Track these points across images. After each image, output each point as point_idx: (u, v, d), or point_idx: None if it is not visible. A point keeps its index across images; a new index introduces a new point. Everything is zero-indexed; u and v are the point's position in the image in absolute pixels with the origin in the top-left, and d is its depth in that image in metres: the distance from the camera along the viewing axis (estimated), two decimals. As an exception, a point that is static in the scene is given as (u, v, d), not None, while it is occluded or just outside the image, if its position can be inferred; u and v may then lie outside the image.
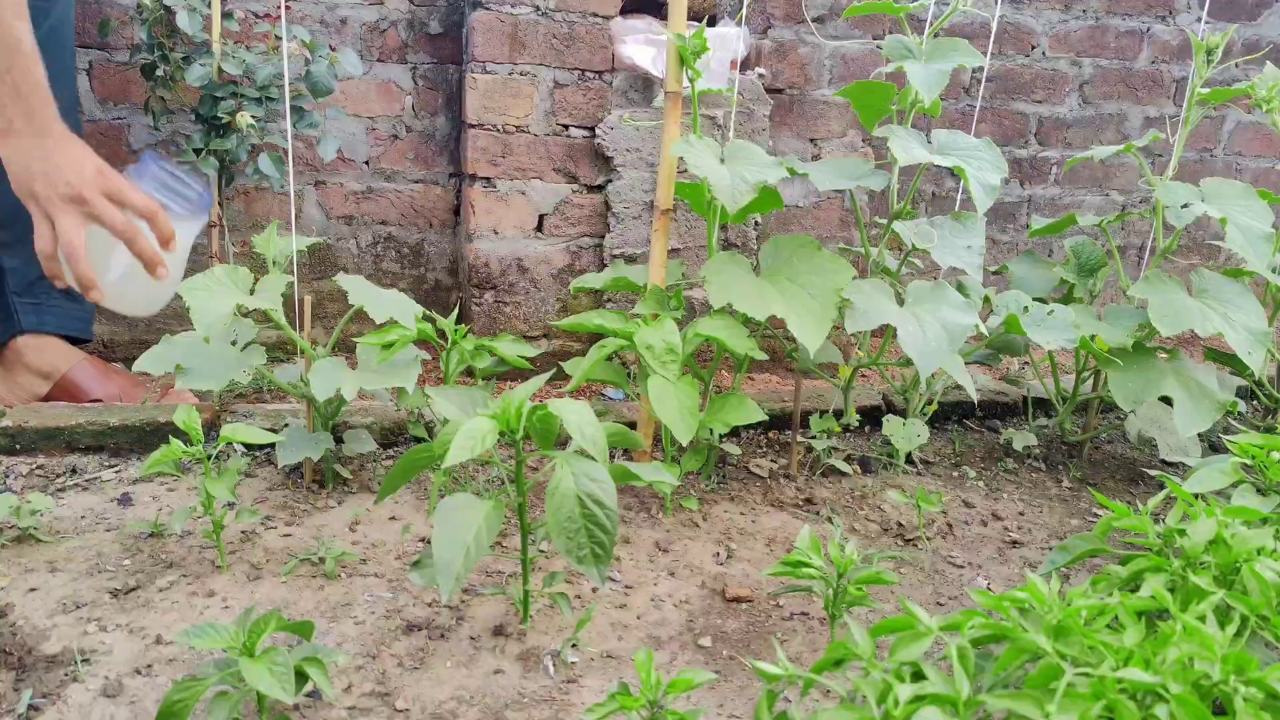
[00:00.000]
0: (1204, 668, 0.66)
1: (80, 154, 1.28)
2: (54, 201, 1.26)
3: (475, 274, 1.96)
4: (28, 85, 1.26)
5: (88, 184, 1.26)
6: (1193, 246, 2.58)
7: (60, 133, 1.29)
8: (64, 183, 1.25)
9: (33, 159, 1.26)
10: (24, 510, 1.26)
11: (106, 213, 1.27)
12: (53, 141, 1.28)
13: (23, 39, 1.26)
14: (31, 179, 1.26)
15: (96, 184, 1.27)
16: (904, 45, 1.48)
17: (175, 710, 0.87)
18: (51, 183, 1.26)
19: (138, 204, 1.29)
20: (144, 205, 1.29)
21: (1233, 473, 1.18)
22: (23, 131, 1.27)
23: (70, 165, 1.26)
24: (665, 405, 1.32)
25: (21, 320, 1.60)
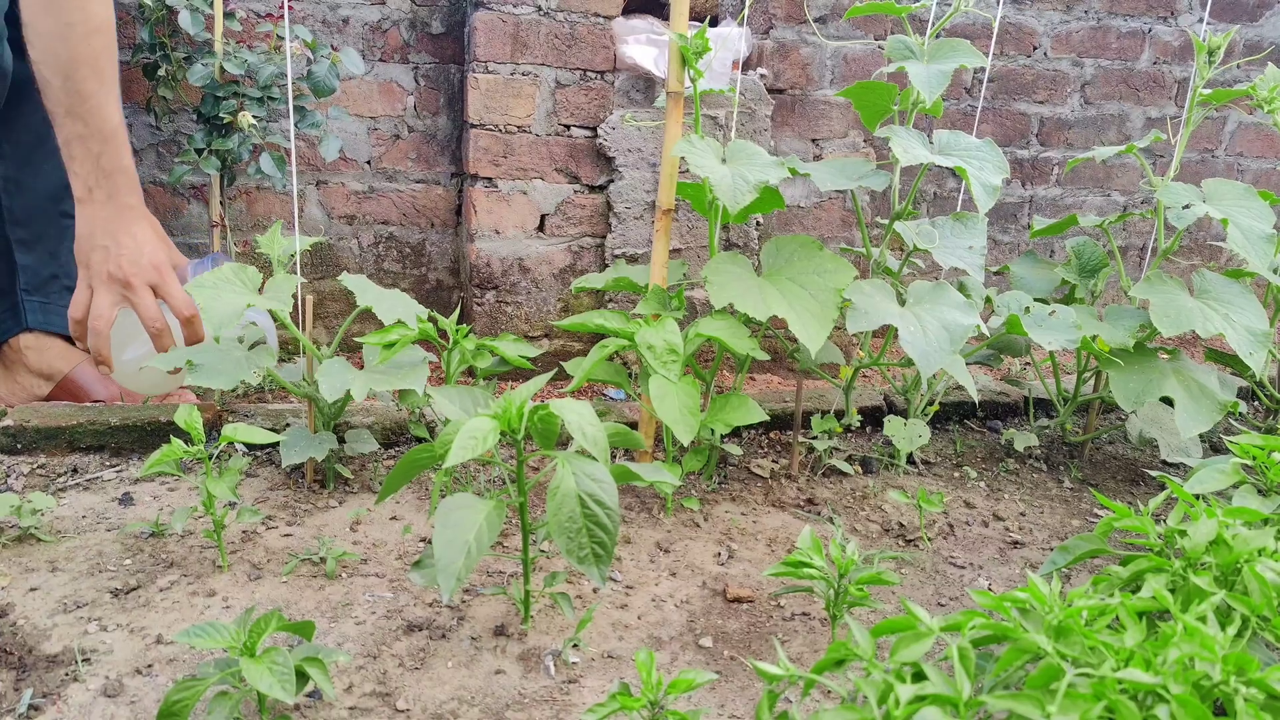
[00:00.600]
0: (1205, 668, 0.66)
1: (146, 239, 1.34)
2: (101, 277, 1.32)
3: (477, 274, 1.96)
4: (113, 167, 1.33)
5: (138, 272, 1.32)
6: (1194, 247, 2.58)
7: (135, 215, 1.35)
8: (116, 264, 1.31)
9: (98, 232, 1.32)
10: (25, 509, 1.26)
11: (144, 304, 1.33)
12: (124, 222, 1.34)
13: (111, 121, 1.33)
14: (91, 249, 1.32)
15: (146, 275, 1.32)
16: (906, 45, 1.48)
17: (176, 710, 0.87)
18: (106, 259, 1.32)
19: (178, 305, 1.34)
20: (183, 306, 1.34)
21: (1234, 473, 1.18)
22: (100, 204, 1.33)
23: (131, 248, 1.32)
24: (666, 405, 1.32)
25: (28, 318, 1.61)
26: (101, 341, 1.34)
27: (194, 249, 1.86)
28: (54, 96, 1.31)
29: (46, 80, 1.31)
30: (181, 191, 1.84)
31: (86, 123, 1.32)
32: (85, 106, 1.31)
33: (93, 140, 1.32)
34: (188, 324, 1.36)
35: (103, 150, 1.33)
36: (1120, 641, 0.69)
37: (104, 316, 1.33)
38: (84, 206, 1.35)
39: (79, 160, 1.33)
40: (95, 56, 1.31)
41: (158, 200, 1.83)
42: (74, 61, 1.30)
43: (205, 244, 1.85)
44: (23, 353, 1.61)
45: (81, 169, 1.33)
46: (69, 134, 1.33)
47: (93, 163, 1.33)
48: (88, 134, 1.32)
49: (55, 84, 1.30)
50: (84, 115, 1.31)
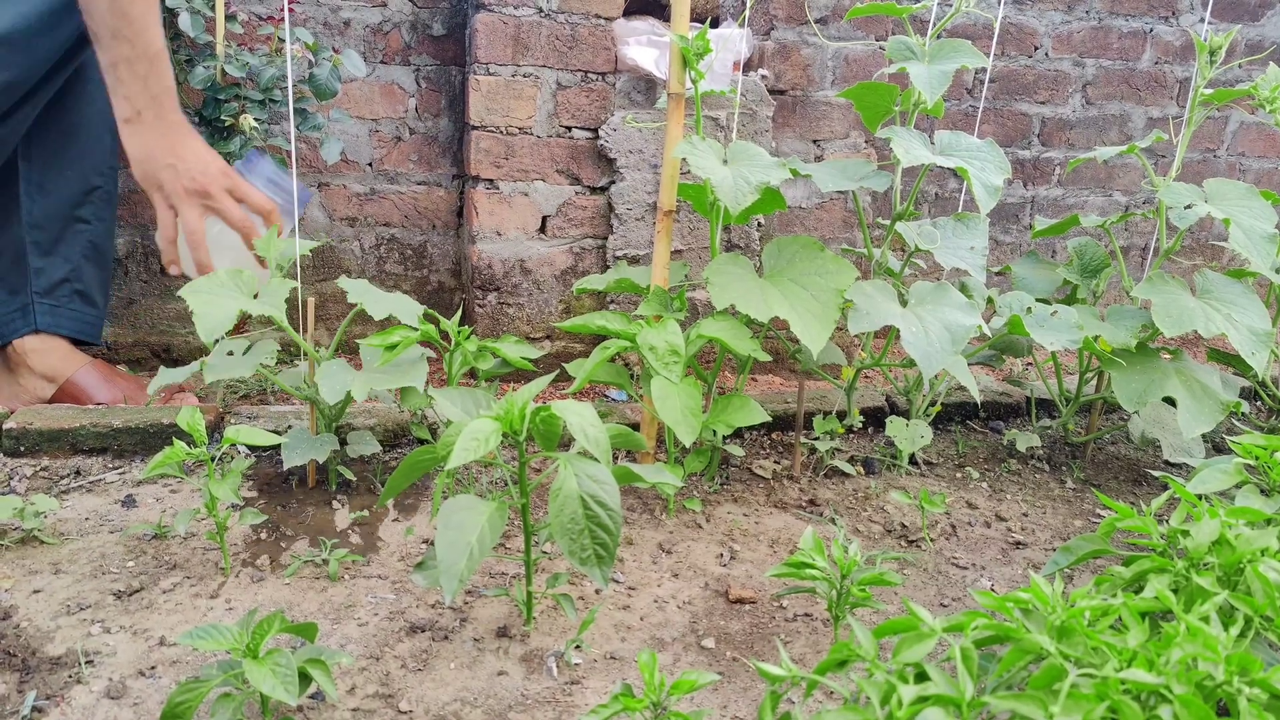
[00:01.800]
0: (1207, 668, 0.66)
1: (205, 152, 1.38)
2: (179, 194, 1.36)
3: (478, 275, 1.96)
4: (159, 86, 1.35)
5: (213, 180, 1.36)
6: (1196, 247, 2.58)
7: (184, 130, 1.38)
8: (190, 177, 1.35)
9: (158, 152, 1.35)
10: (28, 512, 1.26)
11: (228, 209, 1.37)
12: (178, 137, 1.37)
13: (156, 43, 1.35)
14: (158, 170, 1.36)
15: (219, 181, 1.36)
16: (907, 46, 1.48)
17: (179, 712, 0.87)
18: (178, 176, 1.35)
19: (256, 201, 1.39)
20: (261, 203, 1.39)
21: (1236, 473, 1.18)
22: (151, 123, 1.35)
23: (196, 161, 1.36)
24: (668, 406, 1.32)
25: (38, 320, 1.62)
26: (203, 253, 1.38)
27: (196, 251, 1.87)
28: (99, 19, 1.32)
29: (93, 2, 1.32)
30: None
31: (133, 44, 1.33)
32: (131, 28, 1.32)
33: (139, 62, 1.34)
34: (268, 218, 1.40)
35: (149, 71, 1.35)
36: (1123, 642, 0.69)
37: (197, 230, 1.37)
38: (133, 127, 1.36)
39: (126, 83, 1.35)
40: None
41: (160, 203, 1.83)
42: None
43: (207, 246, 1.86)
44: (27, 355, 1.62)
45: (130, 91, 1.35)
46: (115, 57, 1.34)
47: (140, 84, 1.34)
48: (134, 56, 1.33)
49: (101, 6, 1.31)
50: (130, 37, 1.33)
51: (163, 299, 1.92)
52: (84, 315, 1.68)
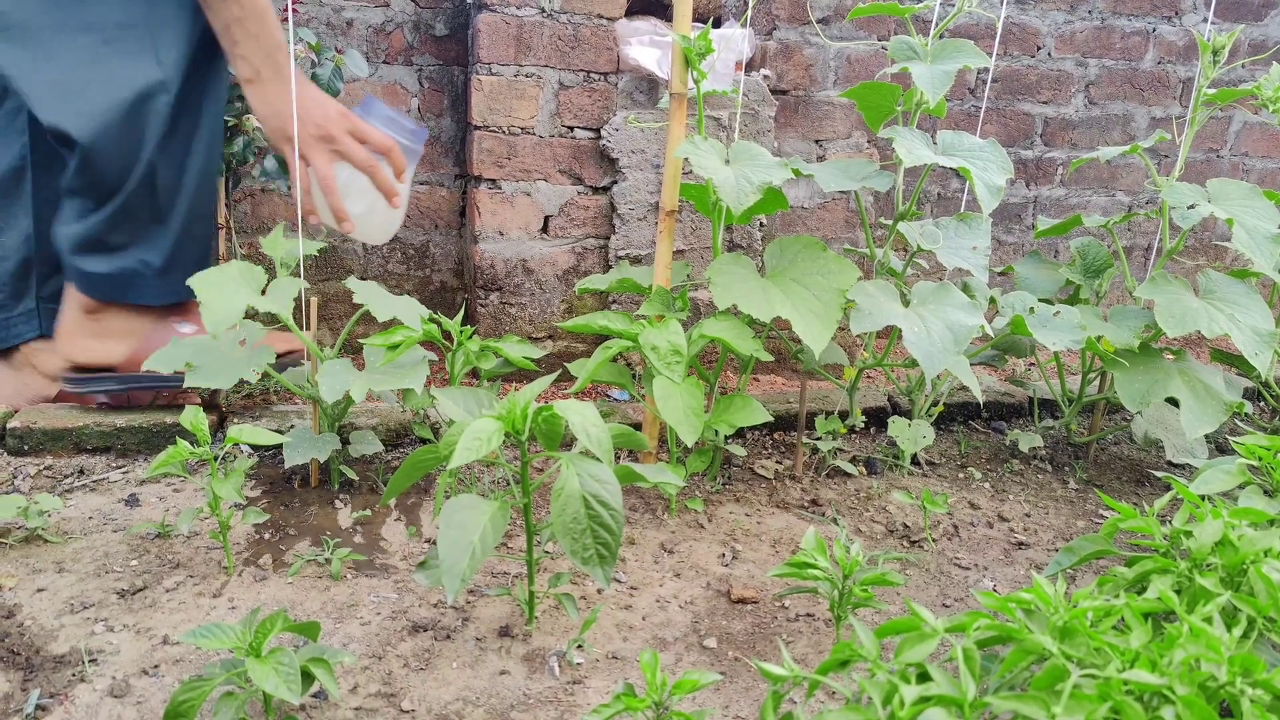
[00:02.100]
0: (1210, 669, 0.66)
1: (321, 97, 1.42)
2: (307, 142, 1.39)
3: (480, 275, 1.96)
4: (271, 42, 1.38)
5: (335, 124, 1.40)
6: (1199, 247, 2.58)
7: (302, 80, 1.41)
8: (314, 124, 1.39)
9: (282, 104, 1.39)
10: (32, 511, 1.27)
11: (353, 150, 1.40)
12: (298, 89, 1.40)
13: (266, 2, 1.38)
14: (284, 122, 1.39)
15: (342, 124, 1.40)
16: (909, 46, 1.48)
17: (182, 710, 0.87)
18: (304, 125, 1.39)
19: (377, 141, 1.42)
20: (382, 141, 1.42)
21: (1239, 474, 1.17)
22: (270, 80, 1.39)
23: (317, 109, 1.40)
24: (670, 406, 1.32)
25: (43, 324, 1.63)
26: (336, 199, 1.41)
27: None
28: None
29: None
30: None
31: (241, 4, 1.36)
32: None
33: (250, 20, 1.37)
34: (390, 155, 1.44)
35: (260, 28, 1.38)
36: (1126, 642, 0.69)
37: (327, 174, 1.41)
38: (255, 87, 1.39)
39: (242, 43, 1.37)
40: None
41: (163, 202, 1.83)
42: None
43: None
44: (32, 355, 1.62)
45: (246, 51, 1.37)
46: (227, 18, 1.36)
47: (254, 43, 1.37)
48: (244, 15, 1.36)
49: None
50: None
51: (166, 298, 1.92)
52: None
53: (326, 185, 1.41)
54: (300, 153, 1.41)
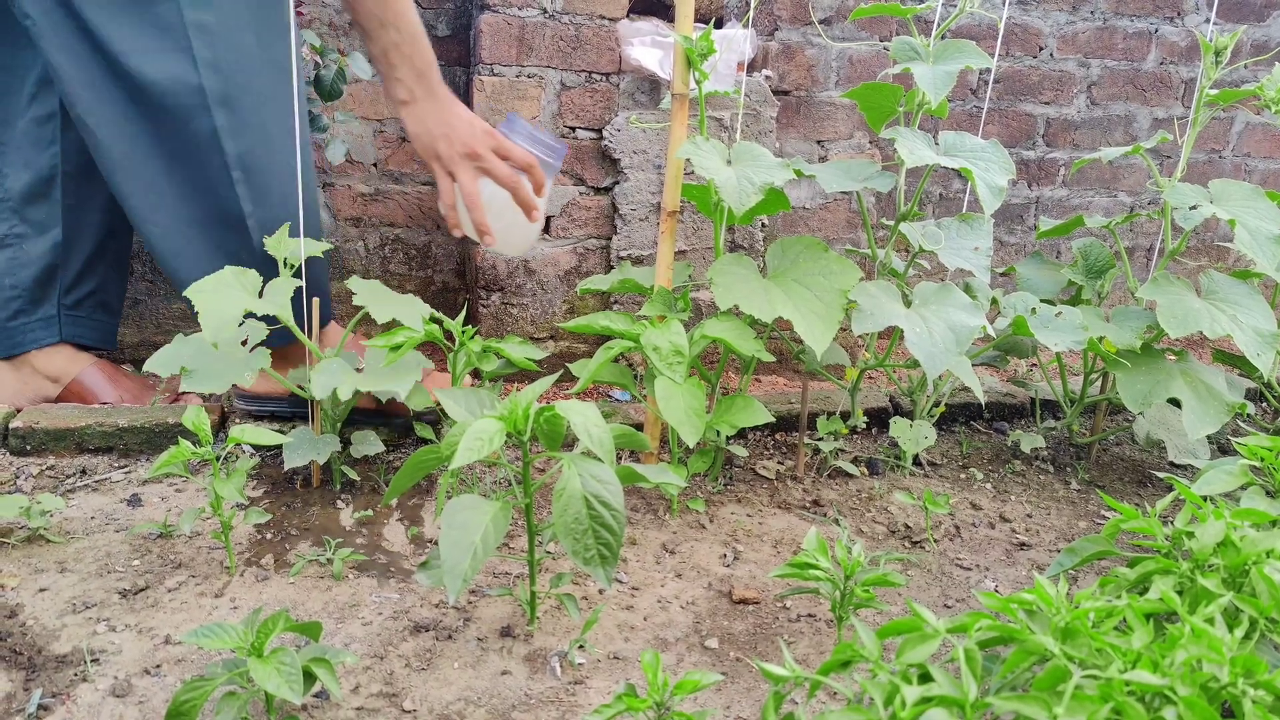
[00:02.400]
0: (1212, 670, 0.66)
1: (469, 116, 1.47)
2: (454, 159, 1.45)
3: (482, 276, 1.96)
4: (424, 62, 1.45)
5: (480, 142, 1.45)
6: (1201, 248, 2.57)
7: (450, 98, 1.47)
8: (461, 142, 1.44)
9: (434, 123, 1.45)
10: (34, 510, 1.27)
11: (496, 166, 1.45)
12: (447, 108, 1.46)
13: (415, 24, 1.44)
14: (434, 141, 1.45)
15: (486, 142, 1.45)
16: (911, 47, 1.48)
17: (184, 710, 0.88)
18: (451, 143, 1.44)
19: (519, 157, 1.47)
20: (523, 158, 1.47)
21: (1241, 475, 1.17)
22: (423, 100, 1.45)
23: (464, 126, 1.45)
24: (672, 407, 1.32)
25: (63, 331, 1.65)
26: (480, 214, 1.46)
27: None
28: (368, 10, 1.41)
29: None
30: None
31: (399, 29, 1.41)
32: (394, 13, 1.41)
33: (405, 44, 1.42)
34: (531, 171, 1.48)
35: (414, 51, 1.43)
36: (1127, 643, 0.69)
37: (472, 191, 1.46)
38: (410, 108, 1.46)
39: (399, 67, 1.43)
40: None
41: (165, 203, 1.83)
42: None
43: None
44: (33, 356, 1.63)
45: (403, 74, 1.43)
46: (385, 44, 1.42)
47: (409, 66, 1.43)
48: (401, 40, 1.42)
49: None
50: (395, 23, 1.41)
51: (167, 299, 1.93)
52: (106, 325, 1.71)
53: (471, 201, 1.46)
54: (447, 169, 1.46)
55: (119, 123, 1.40)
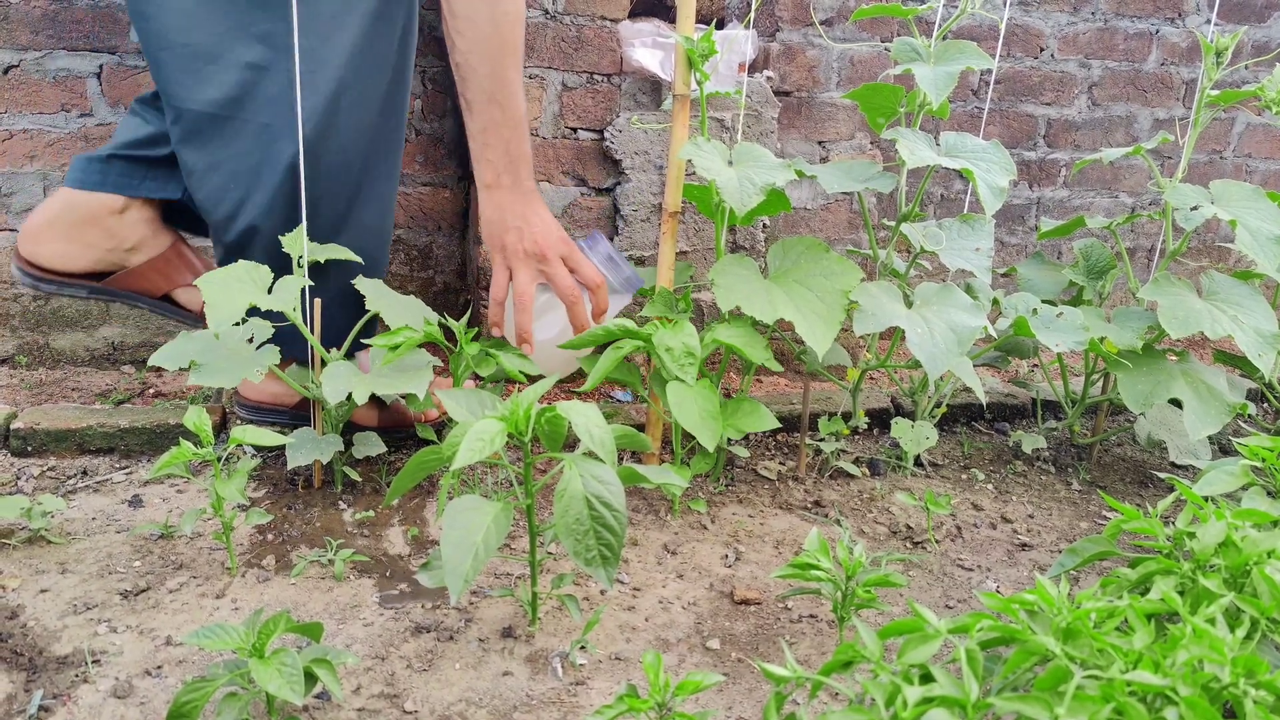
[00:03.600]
0: (1214, 670, 0.66)
1: (550, 218, 1.43)
2: (519, 255, 1.40)
3: (484, 277, 1.96)
4: (519, 152, 1.41)
5: (551, 246, 1.40)
6: (1202, 249, 2.57)
7: (535, 197, 1.43)
8: (531, 240, 1.39)
9: (510, 214, 1.40)
10: (35, 511, 1.27)
11: (560, 275, 1.40)
12: (528, 202, 1.42)
13: (521, 109, 1.40)
14: (505, 231, 1.40)
15: (558, 248, 1.40)
16: (912, 48, 1.48)
17: (185, 711, 0.88)
18: (521, 238, 1.39)
19: (588, 274, 1.42)
20: (593, 277, 1.42)
21: (1243, 475, 1.17)
22: (509, 189, 1.40)
23: (540, 226, 1.40)
24: (686, 410, 1.32)
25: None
26: (526, 317, 1.41)
27: (201, 250, 1.87)
28: (478, 84, 1.37)
29: (473, 68, 1.36)
30: (190, 195, 1.85)
31: (504, 109, 1.38)
32: (505, 92, 1.37)
33: (505, 127, 1.38)
34: (595, 292, 1.43)
35: (512, 136, 1.39)
36: (1129, 644, 0.69)
37: (527, 292, 1.40)
38: (492, 192, 1.41)
39: (492, 148, 1.39)
40: (518, 44, 1.39)
41: (166, 204, 1.84)
42: (503, 48, 1.36)
43: (214, 247, 1.87)
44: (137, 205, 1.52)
45: (494, 156, 1.39)
46: (486, 121, 1.38)
47: (503, 149, 1.39)
48: (502, 120, 1.38)
49: (482, 71, 1.36)
50: (503, 102, 1.38)
51: (169, 300, 1.93)
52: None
53: (522, 301, 1.40)
54: (508, 263, 1.41)
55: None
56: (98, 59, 1.75)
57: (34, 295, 1.82)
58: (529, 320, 1.41)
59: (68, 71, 1.74)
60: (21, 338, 1.84)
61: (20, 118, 1.74)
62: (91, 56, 1.74)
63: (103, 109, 1.77)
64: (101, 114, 1.77)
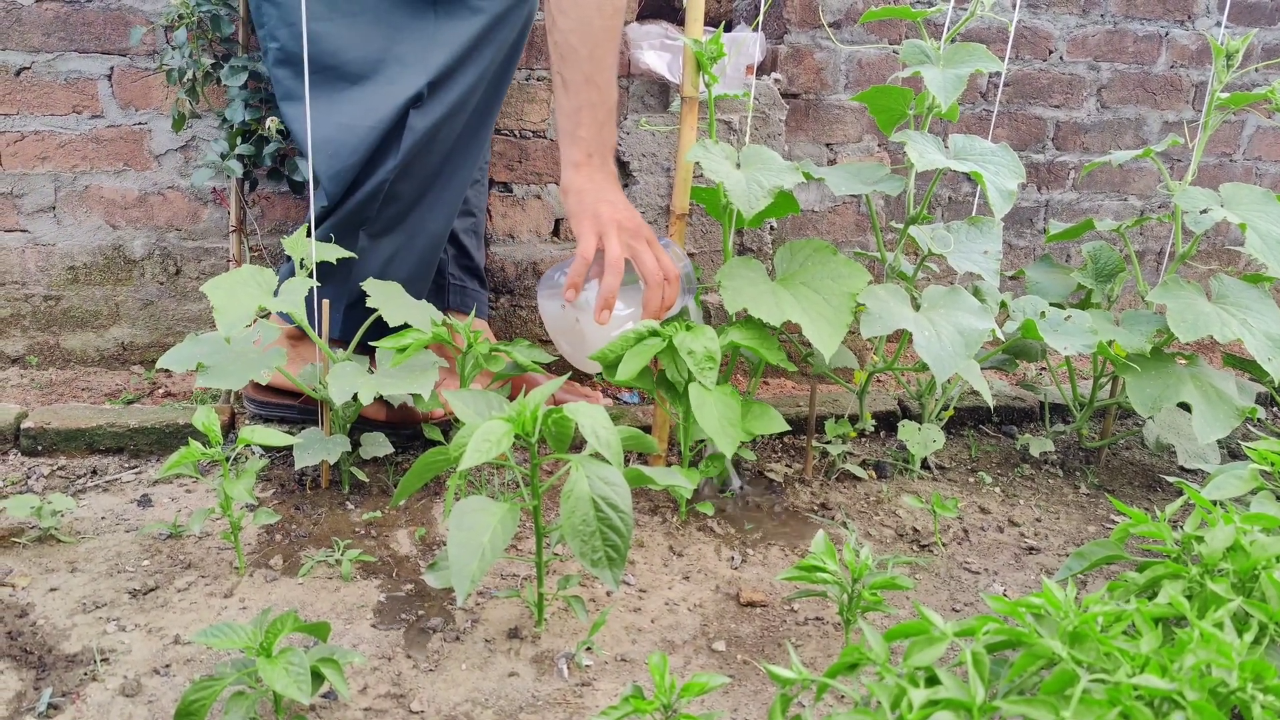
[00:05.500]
0: (1221, 675, 0.66)
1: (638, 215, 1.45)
2: (612, 224, 1.40)
3: (491, 278, 1.96)
4: (610, 138, 1.45)
5: (644, 227, 1.42)
6: (1212, 252, 2.56)
7: (616, 180, 1.48)
8: (626, 215, 1.42)
9: (604, 190, 1.43)
10: (45, 511, 1.27)
11: (647, 254, 1.41)
12: (614, 184, 1.46)
13: (615, 94, 1.45)
14: (598, 204, 1.42)
15: (646, 230, 1.42)
16: (921, 50, 1.48)
17: (193, 710, 0.88)
18: (615, 211, 1.41)
19: (667, 264, 1.43)
20: (671, 268, 1.43)
21: (1252, 479, 1.17)
22: (596, 169, 1.44)
23: (626, 207, 1.44)
24: (706, 415, 1.31)
25: (450, 298, 1.73)
26: (617, 281, 1.39)
27: (210, 252, 1.88)
28: (577, 65, 1.40)
29: (573, 48, 1.39)
30: (200, 196, 1.86)
31: (601, 91, 1.41)
32: (603, 77, 1.41)
33: (600, 109, 1.41)
34: (672, 283, 1.43)
35: (605, 120, 1.43)
36: (1136, 648, 0.69)
37: (619, 258, 1.38)
38: (580, 170, 1.43)
39: (586, 126, 1.42)
40: (618, 31, 1.44)
41: (175, 205, 1.84)
42: (605, 32, 1.40)
43: (223, 248, 1.87)
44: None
45: (587, 134, 1.42)
46: (582, 101, 1.41)
47: (596, 130, 1.42)
48: (598, 102, 1.41)
49: (582, 53, 1.39)
50: (600, 84, 1.41)
51: (180, 300, 1.93)
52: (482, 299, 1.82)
53: (615, 265, 1.38)
54: (599, 230, 1.40)
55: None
56: (109, 61, 1.76)
57: (44, 295, 1.83)
58: (618, 283, 1.38)
59: (79, 73, 1.75)
60: (32, 338, 1.85)
61: (32, 119, 1.75)
62: (102, 59, 1.75)
63: (113, 111, 1.78)
64: (112, 115, 1.78)
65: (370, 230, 1.51)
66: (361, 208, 1.48)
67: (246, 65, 1.63)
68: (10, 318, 1.83)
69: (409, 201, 1.52)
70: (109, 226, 1.83)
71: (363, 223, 1.49)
